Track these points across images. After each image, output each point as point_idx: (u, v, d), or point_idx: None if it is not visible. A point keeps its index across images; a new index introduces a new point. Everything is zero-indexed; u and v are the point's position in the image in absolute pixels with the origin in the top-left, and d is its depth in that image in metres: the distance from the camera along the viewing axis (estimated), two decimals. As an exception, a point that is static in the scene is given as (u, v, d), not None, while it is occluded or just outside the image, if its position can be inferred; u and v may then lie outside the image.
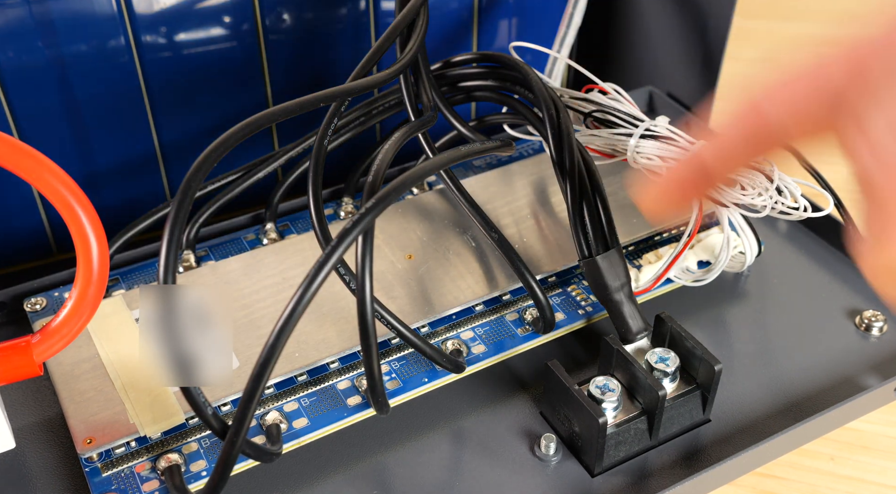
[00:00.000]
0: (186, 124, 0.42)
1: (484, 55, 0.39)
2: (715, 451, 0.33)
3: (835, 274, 0.40)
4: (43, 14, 0.36)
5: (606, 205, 0.34)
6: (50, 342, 0.28)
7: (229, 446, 0.27)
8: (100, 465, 0.31)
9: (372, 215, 0.28)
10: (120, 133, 0.40)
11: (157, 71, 0.39)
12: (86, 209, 0.26)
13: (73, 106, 0.39)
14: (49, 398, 0.34)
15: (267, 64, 0.41)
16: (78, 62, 0.37)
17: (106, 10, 0.37)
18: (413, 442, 0.33)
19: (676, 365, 0.32)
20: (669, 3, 0.48)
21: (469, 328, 0.36)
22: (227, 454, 0.27)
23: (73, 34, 0.37)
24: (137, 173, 0.42)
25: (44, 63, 0.37)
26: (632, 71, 0.52)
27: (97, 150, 0.40)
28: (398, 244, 0.38)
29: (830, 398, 0.35)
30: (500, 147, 0.34)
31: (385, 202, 0.28)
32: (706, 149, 0.25)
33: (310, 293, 0.26)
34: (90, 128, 0.40)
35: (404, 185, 0.29)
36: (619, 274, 0.33)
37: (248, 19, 0.40)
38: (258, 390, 0.27)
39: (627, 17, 0.51)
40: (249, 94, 0.42)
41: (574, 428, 0.32)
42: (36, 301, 0.36)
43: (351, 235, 0.27)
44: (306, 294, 0.26)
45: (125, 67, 0.39)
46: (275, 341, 0.26)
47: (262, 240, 0.40)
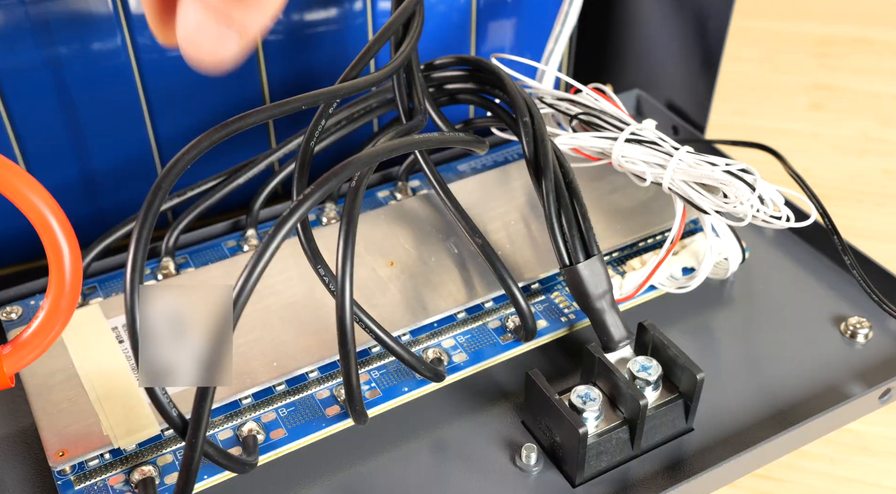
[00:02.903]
0: (183, 126, 0.41)
1: (462, 59, 0.39)
2: (698, 460, 0.32)
3: (820, 281, 0.40)
4: (38, 15, 0.35)
5: (585, 212, 0.33)
6: (21, 354, 0.28)
7: (189, 449, 0.27)
8: (73, 478, 0.30)
9: (313, 200, 0.27)
10: (116, 135, 0.40)
11: (154, 72, 0.39)
12: (57, 217, 0.26)
13: (70, 108, 0.38)
14: (22, 409, 0.34)
15: (264, 64, 0.41)
16: (74, 63, 0.37)
17: (102, 11, 0.37)
18: (393, 453, 0.33)
19: (659, 374, 0.32)
20: (668, 3, 0.48)
21: (450, 335, 0.35)
22: (188, 458, 0.27)
23: (69, 35, 0.36)
24: (134, 175, 0.41)
25: (39, 64, 0.37)
26: (630, 70, 0.52)
27: (93, 151, 0.40)
28: (380, 251, 0.37)
29: (815, 405, 0.34)
30: (473, 143, 0.34)
31: (332, 183, 0.27)
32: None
33: (253, 278, 0.26)
34: (86, 129, 0.39)
35: (354, 166, 0.28)
36: (600, 282, 0.33)
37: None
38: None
39: (626, 17, 0.51)
40: (247, 95, 0.42)
41: (555, 438, 0.32)
42: (11, 310, 0.36)
43: (294, 216, 0.26)
44: (249, 280, 0.26)
45: (121, 69, 0.38)
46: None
47: (243, 247, 0.39)
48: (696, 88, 0.48)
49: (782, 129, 0.55)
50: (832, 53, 0.62)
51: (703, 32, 0.46)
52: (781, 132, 0.55)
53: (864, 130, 0.55)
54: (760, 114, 0.57)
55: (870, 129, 0.55)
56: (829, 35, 0.64)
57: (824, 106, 0.57)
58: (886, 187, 0.50)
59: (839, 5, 0.67)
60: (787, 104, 0.58)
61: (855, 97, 0.58)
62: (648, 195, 0.40)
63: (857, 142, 0.54)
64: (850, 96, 0.58)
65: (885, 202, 0.49)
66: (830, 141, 0.54)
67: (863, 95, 0.58)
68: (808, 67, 0.61)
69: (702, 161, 0.35)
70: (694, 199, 0.35)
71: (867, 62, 0.61)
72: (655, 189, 0.39)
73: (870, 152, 0.53)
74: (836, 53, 0.62)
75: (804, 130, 0.55)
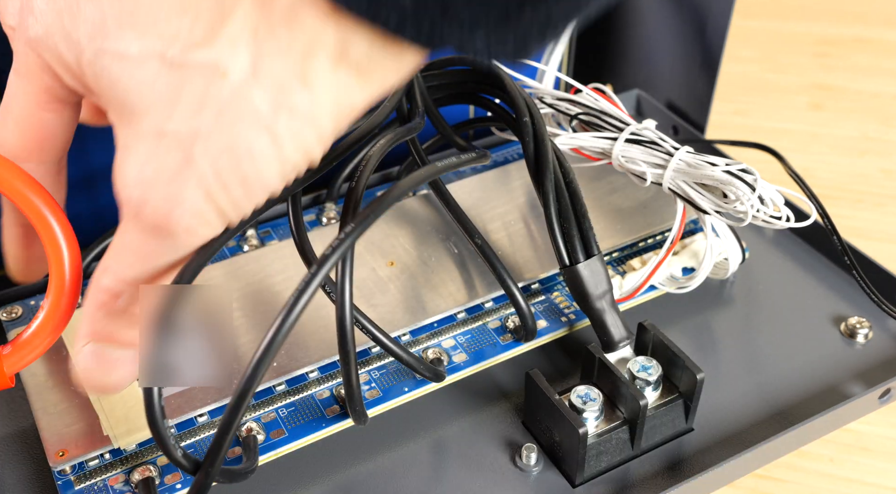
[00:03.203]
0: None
1: (461, 59, 0.39)
2: (698, 461, 0.32)
3: (820, 280, 0.40)
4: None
5: (585, 212, 0.33)
6: (21, 354, 0.28)
7: (203, 476, 0.26)
8: (73, 478, 0.30)
9: (351, 239, 0.26)
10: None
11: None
12: (57, 217, 0.26)
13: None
14: (23, 409, 0.34)
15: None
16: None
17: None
18: (393, 453, 0.33)
19: (659, 374, 0.32)
20: (668, 3, 0.48)
21: (450, 336, 0.35)
22: (200, 484, 0.26)
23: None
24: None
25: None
26: (630, 70, 0.52)
27: (93, 151, 0.40)
28: (380, 251, 0.37)
29: (815, 406, 0.34)
30: (476, 159, 0.34)
31: (364, 225, 0.27)
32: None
33: (289, 323, 0.25)
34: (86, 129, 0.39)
35: (382, 206, 0.28)
36: (600, 282, 0.33)
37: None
38: (234, 422, 0.25)
39: (626, 17, 0.51)
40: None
41: (555, 438, 0.32)
42: (11, 310, 0.36)
43: (330, 260, 0.26)
44: (285, 324, 0.25)
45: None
46: (252, 372, 0.24)
47: (243, 247, 0.39)
48: (695, 88, 0.48)
49: (782, 129, 0.55)
50: (832, 53, 0.62)
51: (703, 32, 0.46)
52: (781, 132, 0.55)
53: (864, 130, 0.55)
54: (760, 114, 0.57)
55: (870, 129, 0.55)
56: (829, 35, 0.64)
57: (824, 106, 0.57)
58: (886, 187, 0.50)
59: (839, 5, 0.67)
60: (787, 104, 0.58)
61: (855, 97, 0.58)
62: (648, 195, 0.40)
63: (856, 142, 0.54)
64: (850, 96, 0.58)
65: (884, 202, 0.49)
66: (830, 141, 0.54)
67: (863, 95, 0.58)
68: (808, 67, 0.61)
69: (702, 161, 0.35)
70: (694, 199, 0.35)
71: (867, 62, 0.61)
72: (655, 189, 0.39)
73: (869, 152, 0.53)
74: (836, 53, 0.62)
75: (804, 130, 0.55)
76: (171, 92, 0.22)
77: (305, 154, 0.23)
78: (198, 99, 0.21)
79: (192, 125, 0.22)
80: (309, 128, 0.22)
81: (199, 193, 0.23)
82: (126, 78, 0.22)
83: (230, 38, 0.21)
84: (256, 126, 0.22)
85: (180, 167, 0.22)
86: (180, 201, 0.23)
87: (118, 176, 0.24)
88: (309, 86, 0.21)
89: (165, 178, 0.23)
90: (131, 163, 0.24)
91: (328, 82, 0.22)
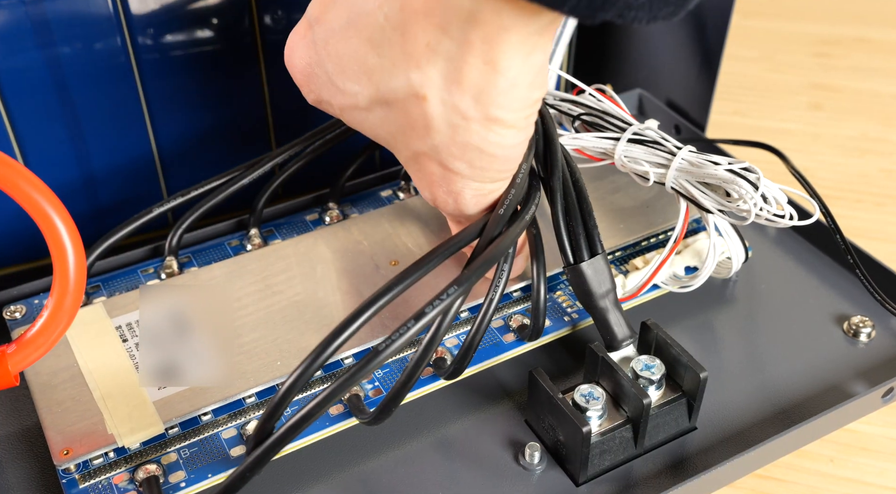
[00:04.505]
0: (183, 125, 0.41)
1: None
2: (701, 459, 0.33)
3: (823, 280, 0.40)
4: (39, 15, 0.36)
5: (591, 210, 0.34)
6: (25, 353, 0.28)
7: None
8: (77, 476, 0.30)
9: (461, 292, 0.29)
10: (117, 134, 0.40)
11: (154, 72, 0.39)
12: (61, 216, 0.26)
13: (70, 107, 0.38)
14: (27, 408, 0.34)
15: (264, 63, 0.41)
16: (74, 63, 0.37)
17: (102, 12, 0.37)
18: (396, 451, 0.33)
19: (662, 373, 0.32)
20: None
21: (453, 335, 0.35)
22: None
23: (69, 35, 0.36)
24: (135, 175, 0.42)
25: (40, 64, 0.37)
26: (630, 70, 0.52)
27: (94, 151, 0.40)
28: (383, 250, 0.37)
29: (818, 405, 0.34)
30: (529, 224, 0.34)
31: (472, 280, 0.29)
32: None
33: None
34: (87, 129, 0.39)
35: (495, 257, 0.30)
36: (603, 281, 0.33)
37: (245, 19, 0.40)
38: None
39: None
40: (247, 94, 0.42)
41: (559, 437, 0.32)
42: (15, 309, 0.36)
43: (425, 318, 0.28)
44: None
45: (122, 68, 0.38)
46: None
47: (247, 246, 0.39)
48: (696, 88, 0.48)
49: (782, 129, 0.56)
50: (832, 53, 0.63)
51: (704, 32, 0.46)
52: (781, 132, 0.55)
53: (864, 130, 0.55)
54: (760, 114, 0.57)
55: (870, 129, 0.55)
56: (829, 35, 0.64)
57: (824, 106, 0.57)
58: (886, 186, 0.51)
59: (839, 5, 0.68)
60: (787, 104, 0.58)
61: (855, 97, 0.58)
62: (651, 195, 0.40)
63: (857, 142, 0.54)
64: (850, 96, 0.58)
65: (884, 202, 0.49)
66: (830, 141, 0.54)
67: (863, 95, 0.58)
68: (808, 67, 0.61)
69: (705, 160, 0.35)
70: (697, 198, 0.35)
71: (867, 62, 0.62)
72: (658, 189, 0.39)
73: (870, 152, 0.53)
74: (836, 53, 0.63)
75: (804, 130, 0.55)
76: (397, 126, 0.29)
77: (526, 119, 0.28)
78: (419, 124, 0.28)
79: (429, 144, 0.29)
80: (512, 99, 0.27)
81: (466, 182, 0.30)
82: (358, 123, 0.31)
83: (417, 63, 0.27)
84: (471, 124, 0.28)
85: (444, 173, 0.30)
86: (461, 200, 0.31)
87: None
88: (499, 70, 0.26)
89: (439, 184, 0.31)
90: (415, 180, 0.32)
91: (515, 61, 0.26)
